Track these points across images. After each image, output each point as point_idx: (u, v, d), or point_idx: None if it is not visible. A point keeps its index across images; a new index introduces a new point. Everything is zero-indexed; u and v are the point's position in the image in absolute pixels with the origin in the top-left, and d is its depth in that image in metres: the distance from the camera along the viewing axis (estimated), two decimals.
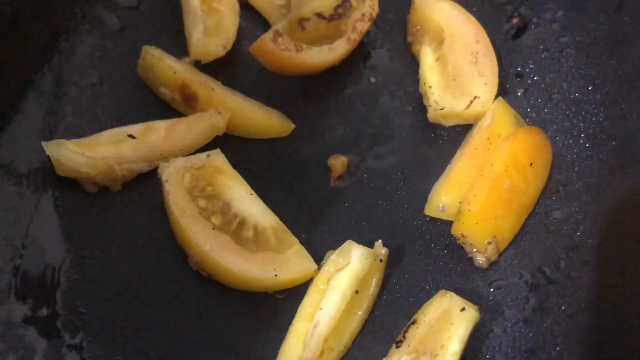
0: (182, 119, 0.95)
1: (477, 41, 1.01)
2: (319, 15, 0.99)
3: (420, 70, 1.02)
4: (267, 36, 0.94)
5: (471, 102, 0.97)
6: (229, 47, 1.00)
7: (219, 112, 0.94)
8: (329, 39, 1.00)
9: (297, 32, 0.98)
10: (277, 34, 0.95)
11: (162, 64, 0.97)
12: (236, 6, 1.04)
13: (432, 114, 0.99)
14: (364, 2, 1.02)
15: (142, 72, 1.00)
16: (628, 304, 0.83)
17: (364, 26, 1.01)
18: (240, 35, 1.04)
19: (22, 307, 0.84)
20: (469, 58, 1.00)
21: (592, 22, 1.05)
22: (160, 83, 0.98)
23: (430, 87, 1.00)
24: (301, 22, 0.98)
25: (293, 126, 0.99)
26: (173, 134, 0.92)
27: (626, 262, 0.86)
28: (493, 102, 0.97)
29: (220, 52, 1.00)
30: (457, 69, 1.00)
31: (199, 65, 1.01)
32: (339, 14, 1.00)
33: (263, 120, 0.98)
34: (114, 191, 0.93)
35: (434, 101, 0.99)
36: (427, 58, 1.03)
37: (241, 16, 1.05)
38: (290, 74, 1.01)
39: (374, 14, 1.02)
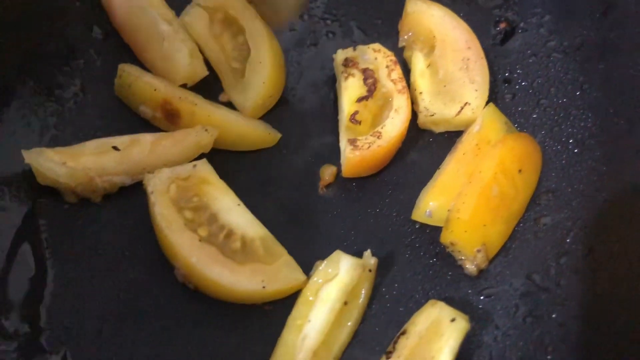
0: (169, 133, 0.94)
1: (468, 47, 1.01)
2: (359, 100, 0.96)
3: (411, 76, 1.01)
4: (347, 151, 0.92)
5: (462, 108, 0.96)
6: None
7: (206, 130, 0.92)
8: (381, 108, 0.97)
9: (357, 129, 0.95)
10: (350, 141, 0.92)
11: (140, 82, 0.95)
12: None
13: (422, 120, 0.98)
14: (375, 59, 0.98)
15: (120, 91, 0.98)
16: (618, 312, 0.83)
17: (396, 72, 0.97)
18: None
19: (5, 322, 0.83)
20: (460, 64, 1.00)
21: (579, 27, 1.05)
22: (140, 102, 0.95)
23: (421, 93, 0.99)
24: (352, 118, 0.95)
25: (279, 135, 0.98)
26: (158, 149, 0.91)
27: (616, 269, 0.85)
28: (484, 108, 0.97)
29: (205, 72, 0.99)
30: (448, 75, 1.00)
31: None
32: (371, 84, 0.97)
33: (249, 132, 0.96)
34: (96, 202, 0.91)
35: (425, 107, 0.98)
36: (419, 64, 1.02)
37: None
38: (386, 163, 0.95)
39: (391, 57, 0.98)
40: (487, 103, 0.98)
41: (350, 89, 0.98)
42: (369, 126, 0.96)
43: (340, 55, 1.01)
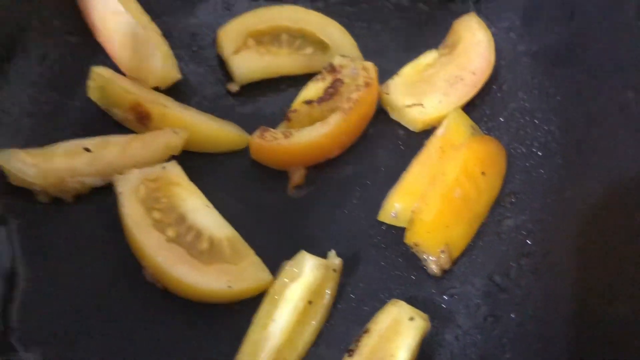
0: (139, 135, 0.95)
1: (473, 73, 1.02)
2: (308, 102, 0.98)
3: (410, 63, 1.04)
4: (255, 135, 0.95)
5: (413, 104, 0.98)
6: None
7: (175, 132, 0.94)
8: (321, 117, 0.97)
9: (287, 124, 0.97)
10: (264, 129, 0.95)
11: (112, 85, 0.96)
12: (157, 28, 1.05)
13: (381, 95, 1.00)
14: (357, 76, 0.98)
15: (93, 93, 0.98)
16: (574, 313, 0.85)
17: (359, 94, 0.96)
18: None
19: None
20: (451, 78, 1.01)
21: (547, 31, 1.07)
22: (112, 104, 0.97)
23: (399, 74, 1.02)
24: (286, 115, 0.97)
25: (249, 138, 0.99)
26: (128, 151, 0.92)
27: (574, 271, 0.87)
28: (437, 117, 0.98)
29: (178, 75, 1.00)
30: (433, 77, 1.02)
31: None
32: (329, 94, 0.98)
33: (219, 134, 0.98)
34: (68, 202, 0.92)
35: (388, 84, 1.01)
36: (425, 58, 1.04)
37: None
38: (294, 164, 0.96)
39: (371, 81, 0.97)
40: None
41: (310, 89, 1.00)
42: (300, 127, 0.97)
43: (336, 60, 1.02)
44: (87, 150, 0.92)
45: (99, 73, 0.97)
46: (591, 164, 0.93)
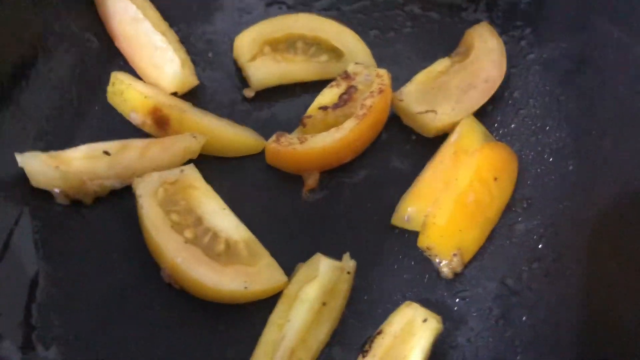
0: (158, 140, 0.97)
1: (486, 81, 1.03)
2: (323, 108, 0.99)
3: (423, 71, 1.05)
4: (271, 140, 0.97)
5: (426, 111, 0.99)
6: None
7: (194, 137, 0.95)
8: (335, 123, 0.98)
9: (303, 130, 0.99)
10: (279, 134, 0.97)
11: (131, 90, 0.98)
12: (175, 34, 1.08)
13: (393, 101, 1.01)
14: (372, 82, 0.99)
15: (112, 98, 1.01)
16: (586, 316, 0.86)
17: (373, 101, 0.97)
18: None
19: None
20: (464, 86, 1.03)
21: (558, 40, 1.08)
22: (131, 108, 0.99)
23: (412, 82, 1.03)
24: (302, 120, 0.99)
25: (265, 143, 1.01)
26: (147, 154, 0.94)
27: (585, 275, 0.88)
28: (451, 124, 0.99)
29: (196, 81, 1.03)
30: (446, 84, 1.03)
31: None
32: (344, 100, 0.99)
33: (236, 139, 1.00)
34: (87, 205, 0.94)
35: (401, 91, 1.02)
36: (438, 65, 1.06)
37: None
38: (309, 169, 0.97)
39: (384, 87, 0.98)
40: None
41: (324, 96, 1.02)
42: (315, 132, 0.98)
43: (351, 67, 1.03)
44: (107, 153, 0.94)
45: (119, 78, 0.99)
46: (603, 170, 0.94)
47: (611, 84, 0.98)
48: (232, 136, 1.00)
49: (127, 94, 0.98)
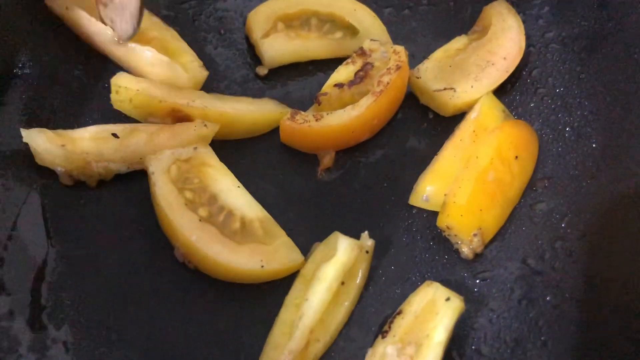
0: (168, 126, 0.93)
1: (504, 58, 1.01)
2: (339, 86, 0.97)
3: (441, 48, 1.04)
4: (285, 117, 0.94)
5: (444, 89, 0.97)
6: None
7: (205, 125, 0.92)
8: (351, 100, 0.96)
9: (317, 107, 0.97)
10: (295, 112, 0.94)
11: (141, 96, 0.92)
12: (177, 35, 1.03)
13: (411, 79, 1.00)
14: (389, 59, 0.97)
15: (120, 106, 0.94)
16: (611, 294, 0.84)
17: (390, 77, 0.95)
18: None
19: (6, 299, 0.84)
20: (482, 62, 1.01)
21: (577, 18, 1.06)
22: (147, 114, 0.94)
23: (430, 59, 1.01)
24: (317, 98, 0.97)
25: (289, 110, 0.98)
26: (156, 140, 0.91)
27: (609, 253, 0.87)
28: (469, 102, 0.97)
29: (205, 72, 0.99)
30: (464, 62, 1.01)
31: None
32: (360, 77, 0.97)
33: (262, 115, 0.97)
34: (91, 187, 0.92)
35: (419, 68, 1.00)
36: (455, 43, 1.04)
37: None
38: (325, 147, 0.96)
39: (402, 64, 0.96)
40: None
41: (340, 73, 0.99)
42: (331, 110, 0.96)
43: (367, 43, 1.01)
44: (115, 136, 0.92)
45: (122, 85, 0.92)
46: (627, 147, 0.92)
47: (635, 57, 0.96)
48: (258, 114, 0.97)
49: (137, 101, 0.93)
